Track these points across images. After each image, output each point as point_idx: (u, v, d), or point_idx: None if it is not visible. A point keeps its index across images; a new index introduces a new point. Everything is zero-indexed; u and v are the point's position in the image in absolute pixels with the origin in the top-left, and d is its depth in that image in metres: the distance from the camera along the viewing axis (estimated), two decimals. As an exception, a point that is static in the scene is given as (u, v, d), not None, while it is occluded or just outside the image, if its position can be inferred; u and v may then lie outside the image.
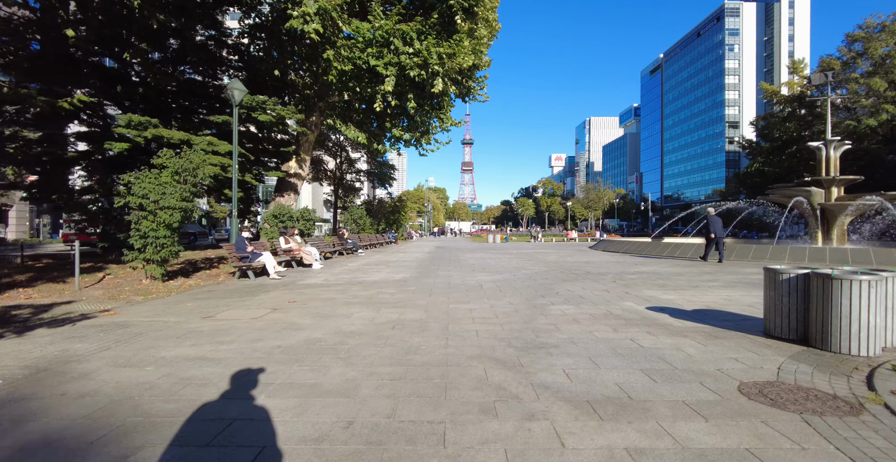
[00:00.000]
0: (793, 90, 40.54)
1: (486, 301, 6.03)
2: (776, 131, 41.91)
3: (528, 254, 17.34)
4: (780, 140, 41.20)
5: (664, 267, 11.00)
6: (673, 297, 6.30)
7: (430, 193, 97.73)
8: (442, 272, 10.04)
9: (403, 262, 13.31)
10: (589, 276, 8.96)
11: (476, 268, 11.20)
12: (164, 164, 7.70)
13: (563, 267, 11.22)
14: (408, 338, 4.03)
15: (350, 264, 12.18)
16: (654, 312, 5.23)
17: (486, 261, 13.51)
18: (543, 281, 8.29)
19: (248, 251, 8.72)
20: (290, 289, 7.40)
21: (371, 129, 18.76)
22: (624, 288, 7.27)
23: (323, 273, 9.94)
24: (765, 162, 42.02)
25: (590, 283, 7.84)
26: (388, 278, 8.83)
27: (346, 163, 36.77)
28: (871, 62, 32.70)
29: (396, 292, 6.87)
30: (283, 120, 14.34)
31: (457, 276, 9.11)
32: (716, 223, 12.58)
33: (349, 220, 22.20)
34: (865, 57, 32.86)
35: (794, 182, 19.16)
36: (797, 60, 41.43)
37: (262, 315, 5.16)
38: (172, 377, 3.00)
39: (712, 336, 4.10)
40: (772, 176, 40.50)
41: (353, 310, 5.42)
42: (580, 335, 4.13)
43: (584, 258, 14.31)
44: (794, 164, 38.46)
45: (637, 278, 8.59)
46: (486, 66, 18.28)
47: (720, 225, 12.62)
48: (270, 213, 13.59)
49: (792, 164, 38.74)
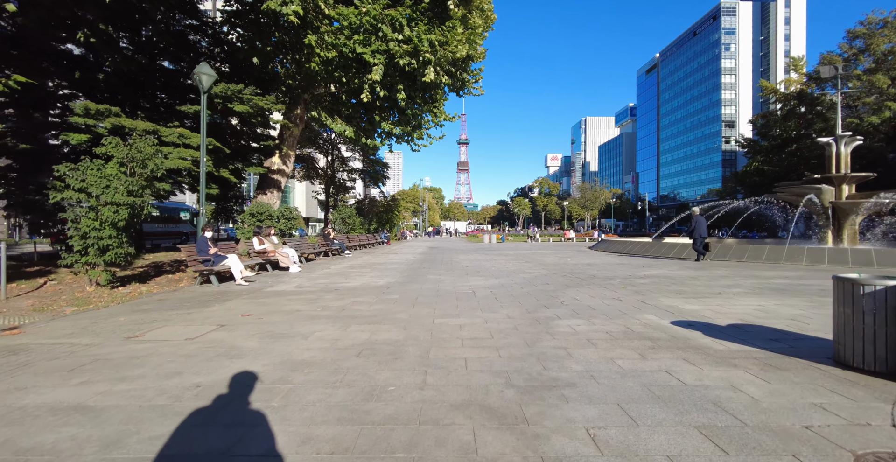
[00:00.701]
0: (792, 88, 39.97)
1: (479, 314, 5.06)
2: (776, 129, 41.32)
3: (526, 255, 16.41)
4: (779, 138, 40.60)
5: (673, 269, 10.09)
6: (697, 308, 5.37)
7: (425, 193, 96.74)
8: (431, 276, 9.06)
9: (392, 264, 12.32)
10: (595, 281, 8.02)
11: (469, 271, 10.24)
12: (109, 153, 6.66)
13: (564, 270, 10.29)
14: (374, 372, 3.05)
15: (332, 267, 11.17)
16: (682, 329, 4.29)
17: (481, 263, 12.56)
18: (545, 287, 7.34)
19: (210, 253, 7.70)
20: (254, 297, 6.40)
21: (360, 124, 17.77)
22: (637, 295, 6.33)
23: (299, 278, 8.93)
24: (764, 161, 41.40)
25: (598, 290, 6.90)
26: (370, 284, 7.84)
27: (338, 161, 35.70)
28: (873, 59, 32.11)
29: (375, 302, 5.88)
30: (262, 111, 13.32)
31: (447, 282, 8.14)
32: (700, 223, 12.46)
33: (338, 220, 21.15)
34: (867, 53, 32.27)
35: (802, 179, 18.38)
36: (797, 57, 40.85)
37: (201, 334, 4.17)
38: (5, 448, 2.01)
39: (770, 365, 3.16)
40: (771, 175, 39.90)
41: (316, 327, 4.43)
42: (600, 365, 3.18)
43: (586, 260, 13.39)
44: (795, 162, 37.86)
45: (649, 283, 7.67)
46: (481, 58, 17.35)
47: (704, 225, 12.53)
48: (248, 212, 12.55)
49: (792, 163, 38.13)
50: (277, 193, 17.41)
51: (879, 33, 31.43)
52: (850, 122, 31.48)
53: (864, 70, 32.62)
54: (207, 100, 13.10)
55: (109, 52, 10.75)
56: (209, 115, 13.08)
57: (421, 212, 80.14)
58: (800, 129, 37.79)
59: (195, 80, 9.52)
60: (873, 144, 31.46)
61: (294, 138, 17.61)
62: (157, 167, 7.03)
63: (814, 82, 36.79)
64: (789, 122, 38.90)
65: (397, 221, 37.19)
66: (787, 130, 39.29)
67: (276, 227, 13.01)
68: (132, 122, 10.48)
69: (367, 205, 30.58)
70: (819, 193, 15.88)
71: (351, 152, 37.57)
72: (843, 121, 33.07)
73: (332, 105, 17.74)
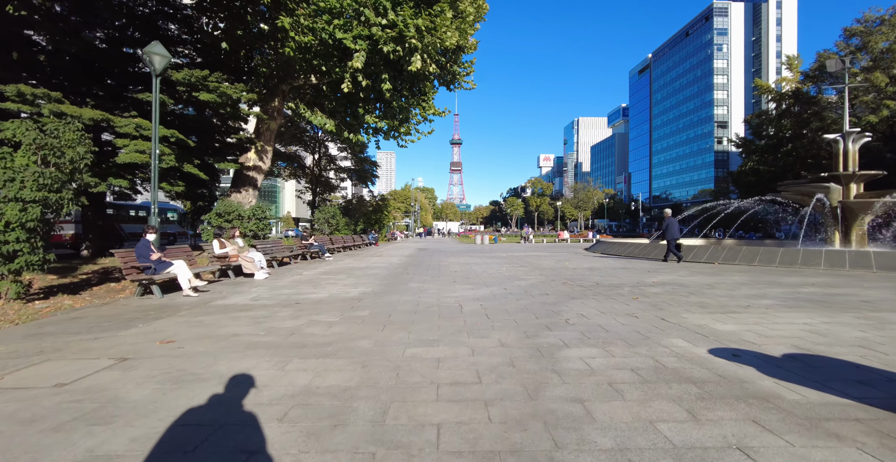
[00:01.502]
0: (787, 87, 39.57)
1: (464, 340, 3.99)
2: (770, 129, 40.92)
3: (520, 258, 15.39)
4: (774, 138, 40.19)
5: (683, 275, 9.12)
6: (733, 328, 4.36)
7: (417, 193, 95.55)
8: (414, 284, 7.97)
9: (374, 268, 11.21)
10: (600, 291, 7.00)
11: (458, 277, 9.17)
12: (16, 138, 5.48)
13: (563, 275, 9.26)
14: (289, 460, 1.96)
15: (305, 273, 10.02)
16: (728, 363, 3.26)
17: (472, 267, 11.50)
18: (544, 298, 6.29)
19: (152, 259, 6.53)
20: (193, 314, 5.26)
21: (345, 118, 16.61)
22: (655, 310, 5.31)
23: (262, 286, 7.79)
24: (759, 161, 40.95)
25: (606, 303, 5.87)
26: (340, 295, 6.73)
27: (325, 159, 34.43)
28: (870, 57, 31.68)
29: (337, 322, 4.78)
30: (232, 101, 12.11)
31: (431, 291, 7.06)
32: (672, 225, 12.63)
33: (321, 220, 19.94)
34: (865, 51, 31.84)
35: (807, 178, 17.63)
36: (792, 56, 40.47)
37: (83, 376, 3.04)
38: None
39: (889, 435, 2.13)
40: (767, 175, 39.46)
41: (244, 363, 3.32)
42: (637, 436, 2.12)
43: (586, 263, 12.40)
44: (791, 162, 37.43)
45: (662, 293, 6.66)
46: (473, 49, 16.31)
47: (676, 227, 12.70)
48: (214, 212, 11.34)
49: (788, 163, 37.70)
50: (253, 191, 16.19)
51: (877, 31, 31.01)
52: (849, 121, 30.96)
53: (861, 68, 32.19)
54: (169, 88, 11.92)
55: (45, 26, 9.47)
56: (172, 104, 11.88)
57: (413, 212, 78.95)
58: (796, 129, 37.35)
59: (145, 60, 8.33)
60: (871, 144, 30.98)
61: (271, 133, 16.41)
62: (80, 157, 5.85)
63: (810, 81, 36.38)
64: (785, 122, 38.47)
65: (387, 222, 35.96)
66: (783, 130, 38.87)
67: (246, 228, 11.84)
68: (77, 109, 9.25)
69: (354, 204, 29.32)
70: (827, 192, 15.11)
71: (339, 150, 36.32)
72: (840, 120, 32.63)
73: (315, 98, 16.61)
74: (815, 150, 34.53)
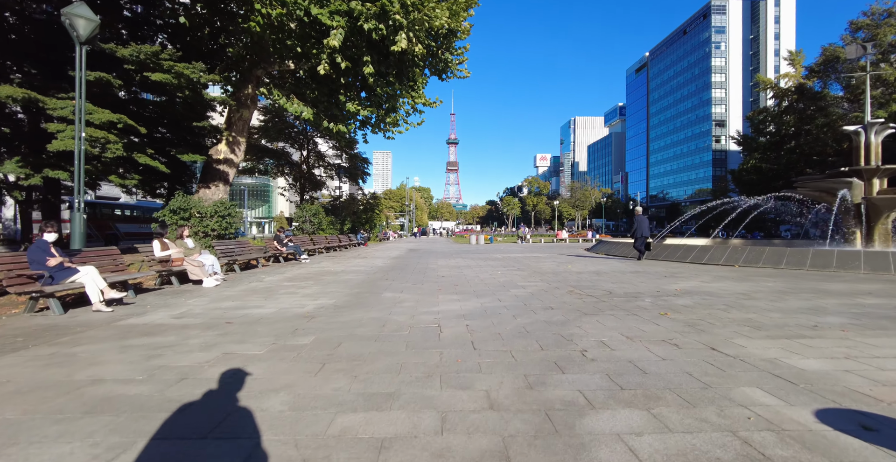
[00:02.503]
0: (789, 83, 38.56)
1: (433, 394, 2.63)
2: (772, 126, 39.89)
3: (517, 259, 14.05)
4: (777, 135, 39.14)
5: (708, 280, 7.80)
6: (820, 366, 3.04)
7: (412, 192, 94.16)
8: (389, 294, 6.60)
9: (350, 273, 9.82)
10: (617, 302, 5.66)
11: (445, 284, 7.81)
12: None
13: (568, 281, 7.92)
14: None
15: (268, 278, 8.61)
16: (867, 447, 1.93)
17: (462, 271, 10.13)
18: (548, 314, 4.94)
19: (49, 265, 5.12)
20: (77, 341, 3.87)
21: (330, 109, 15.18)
22: (696, 333, 3.98)
23: (203, 297, 6.39)
24: (761, 158, 39.88)
25: (629, 321, 4.53)
26: (291, 310, 5.35)
27: (313, 156, 32.96)
28: (878, 50, 30.63)
29: (258, 357, 3.40)
30: (193, 84, 10.67)
31: (407, 304, 5.69)
32: (642, 222, 12.76)
33: (301, 219, 18.46)
34: (872, 45, 30.76)
35: (825, 173, 16.42)
36: (794, 51, 39.47)
37: None
38: None
39: None
40: (769, 173, 38.44)
41: (42, 457, 1.95)
42: None
43: (590, 266, 11.07)
44: (794, 159, 36.39)
45: (694, 306, 5.33)
46: (466, 35, 14.94)
47: (646, 225, 12.84)
48: (168, 208, 9.90)
49: (791, 160, 36.65)
50: (224, 187, 14.76)
51: (885, 23, 29.97)
52: (855, 117, 29.91)
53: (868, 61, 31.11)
54: (116, 66, 10.48)
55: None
56: (119, 86, 10.44)
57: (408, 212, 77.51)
58: (799, 125, 36.29)
59: (67, 25, 6.91)
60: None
61: (244, 122, 14.98)
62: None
63: (815, 76, 35.33)
64: (788, 118, 37.42)
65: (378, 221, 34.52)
66: (786, 126, 37.82)
67: (207, 228, 10.42)
68: (-6, 86, 7.80)
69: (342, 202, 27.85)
70: (849, 188, 13.93)
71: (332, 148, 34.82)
72: (845, 116, 31.60)
73: (296, 87, 15.20)
74: (819, 146, 33.48)
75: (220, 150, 14.66)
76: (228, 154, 14.84)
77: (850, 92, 31.94)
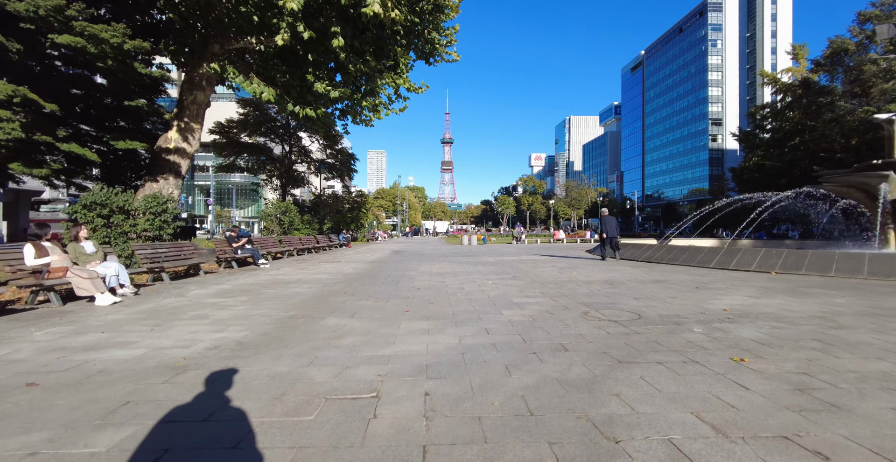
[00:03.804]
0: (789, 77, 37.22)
1: None
2: (775, 122, 38.54)
3: (512, 264, 12.27)
4: (780, 131, 37.78)
5: (753, 294, 6.03)
6: None
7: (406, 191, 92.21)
8: (333, 320, 4.76)
9: (305, 283, 7.95)
10: (658, 336, 3.86)
11: (417, 302, 5.99)
12: None
13: (576, 295, 6.13)
14: None
15: (195, 292, 6.73)
16: None
17: (445, 281, 8.32)
18: (562, 366, 3.13)
19: None
20: None
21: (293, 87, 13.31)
22: (829, 413, 2.18)
23: (69, 325, 4.52)
24: (764, 155, 38.50)
25: (697, 382, 2.72)
26: (166, 354, 3.49)
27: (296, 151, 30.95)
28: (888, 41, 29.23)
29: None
30: (112, 49, 8.72)
31: (346, 343, 3.85)
32: (609, 223, 12.79)
33: (269, 217, 16.48)
34: (883, 35, 29.38)
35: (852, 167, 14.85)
36: (798, 45, 38.18)
37: None
38: None
39: None
40: (772, 170, 37.08)
41: None
42: None
43: (598, 272, 9.30)
44: (798, 156, 35.00)
45: (773, 343, 3.53)
46: (455, 13, 13.19)
47: (614, 225, 12.85)
48: (81, 203, 7.96)
49: (795, 157, 35.27)
50: (175, 180, 12.85)
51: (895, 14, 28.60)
52: (866, 111, 28.53)
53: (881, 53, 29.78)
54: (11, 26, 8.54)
55: None
56: (16, 51, 8.48)
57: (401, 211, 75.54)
58: (804, 121, 34.92)
59: None
60: (891, 135, 28.58)
61: (200, 107, 13.06)
62: None
63: (821, 69, 33.96)
64: (792, 114, 36.03)
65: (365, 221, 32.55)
66: (790, 122, 36.44)
67: (136, 228, 8.51)
68: None
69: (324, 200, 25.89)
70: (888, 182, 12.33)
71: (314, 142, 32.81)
72: (854, 111, 30.20)
73: (263, 68, 13.31)
74: (826, 142, 32.09)
75: (171, 138, 12.75)
76: (180, 143, 12.93)
77: (858, 85, 30.57)
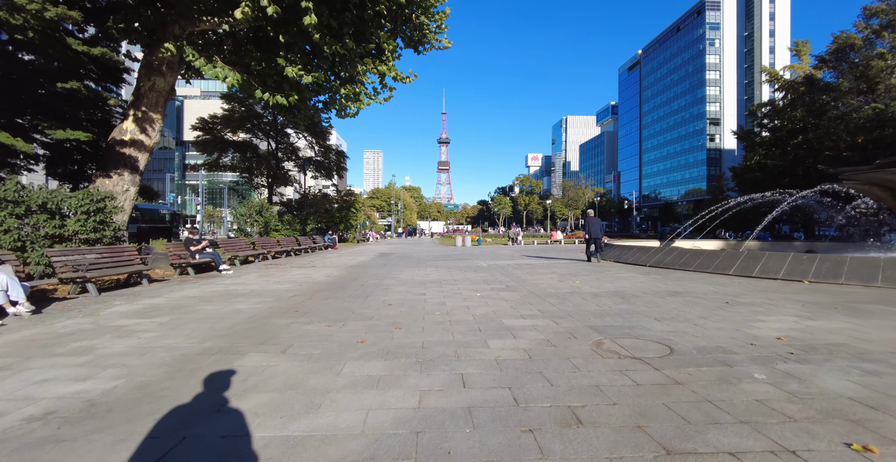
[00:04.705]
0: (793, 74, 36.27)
1: None
2: (777, 120, 37.58)
3: (507, 270, 11.03)
4: (782, 130, 36.81)
5: (801, 312, 4.83)
6: None
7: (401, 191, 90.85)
8: (254, 359, 3.51)
9: (257, 296, 6.69)
10: (709, 391, 2.63)
11: (380, 326, 4.74)
12: None
13: (584, 314, 4.91)
14: None
15: (111, 310, 5.45)
16: None
17: (426, 293, 7.06)
18: None
19: None
20: None
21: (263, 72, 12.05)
22: None
23: None
24: (766, 154, 37.52)
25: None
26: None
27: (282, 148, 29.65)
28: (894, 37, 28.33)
29: None
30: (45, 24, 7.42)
31: (246, 407, 2.60)
32: (594, 224, 12.72)
33: (242, 217, 15.16)
34: (890, 29, 28.48)
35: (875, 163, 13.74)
36: (800, 41, 37.23)
37: None
38: None
39: None
40: (775, 170, 36.12)
41: None
42: None
43: (605, 281, 8.09)
44: (802, 155, 34.01)
45: (880, 405, 2.34)
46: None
47: (598, 226, 12.78)
48: None
49: (798, 156, 34.29)
50: (130, 176, 11.55)
51: (904, 7, 27.65)
52: (874, 108, 27.57)
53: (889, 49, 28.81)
54: None
55: None
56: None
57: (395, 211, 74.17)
58: (808, 119, 33.95)
59: None
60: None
61: (159, 94, 11.75)
62: None
63: (825, 65, 33.01)
64: (795, 112, 35.04)
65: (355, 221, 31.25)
66: (793, 120, 35.46)
67: (67, 230, 7.22)
68: None
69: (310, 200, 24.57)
70: (918, 179, 11.19)
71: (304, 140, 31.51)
72: (860, 109, 29.25)
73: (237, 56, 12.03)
74: (831, 140, 31.10)
75: (126, 129, 11.46)
76: (137, 134, 11.63)
77: (865, 82, 29.59)
